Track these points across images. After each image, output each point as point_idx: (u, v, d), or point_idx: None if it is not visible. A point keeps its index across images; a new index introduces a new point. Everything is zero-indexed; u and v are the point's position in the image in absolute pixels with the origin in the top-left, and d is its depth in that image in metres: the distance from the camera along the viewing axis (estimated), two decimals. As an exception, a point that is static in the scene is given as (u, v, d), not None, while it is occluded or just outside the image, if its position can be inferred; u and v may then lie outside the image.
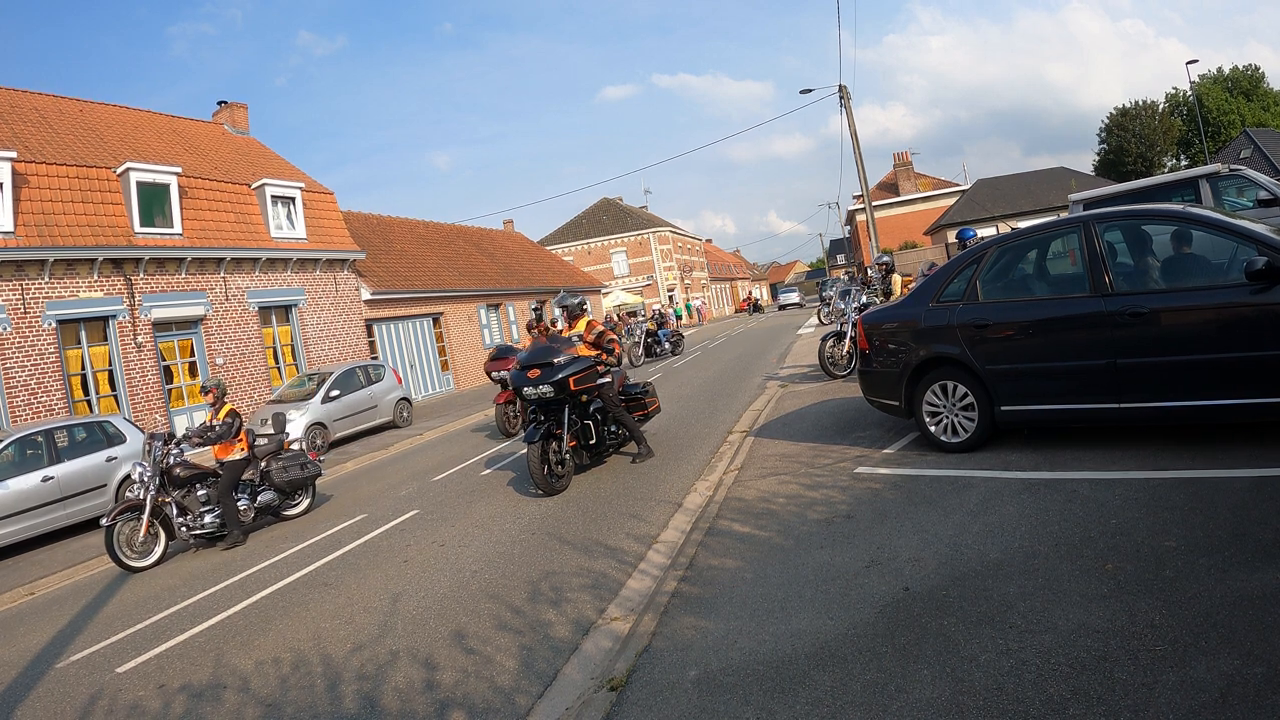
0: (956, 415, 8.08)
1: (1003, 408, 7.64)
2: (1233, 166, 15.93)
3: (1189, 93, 69.95)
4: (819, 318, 30.48)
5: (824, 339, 16.01)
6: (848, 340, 15.30)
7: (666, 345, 33.64)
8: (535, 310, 30.92)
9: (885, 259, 17.49)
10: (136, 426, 16.17)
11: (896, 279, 16.56)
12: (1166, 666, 3.63)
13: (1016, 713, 3.55)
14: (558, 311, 12.52)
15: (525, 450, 11.27)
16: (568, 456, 10.74)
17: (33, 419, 17.11)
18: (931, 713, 3.71)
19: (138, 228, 20.46)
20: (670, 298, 73.48)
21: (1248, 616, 3.90)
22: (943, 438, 8.20)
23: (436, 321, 33.80)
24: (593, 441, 11.25)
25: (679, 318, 67.01)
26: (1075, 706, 3.49)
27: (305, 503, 13.01)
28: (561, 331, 12.40)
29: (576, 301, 12.28)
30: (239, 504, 11.84)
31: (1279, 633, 3.70)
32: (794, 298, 76.03)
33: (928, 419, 8.31)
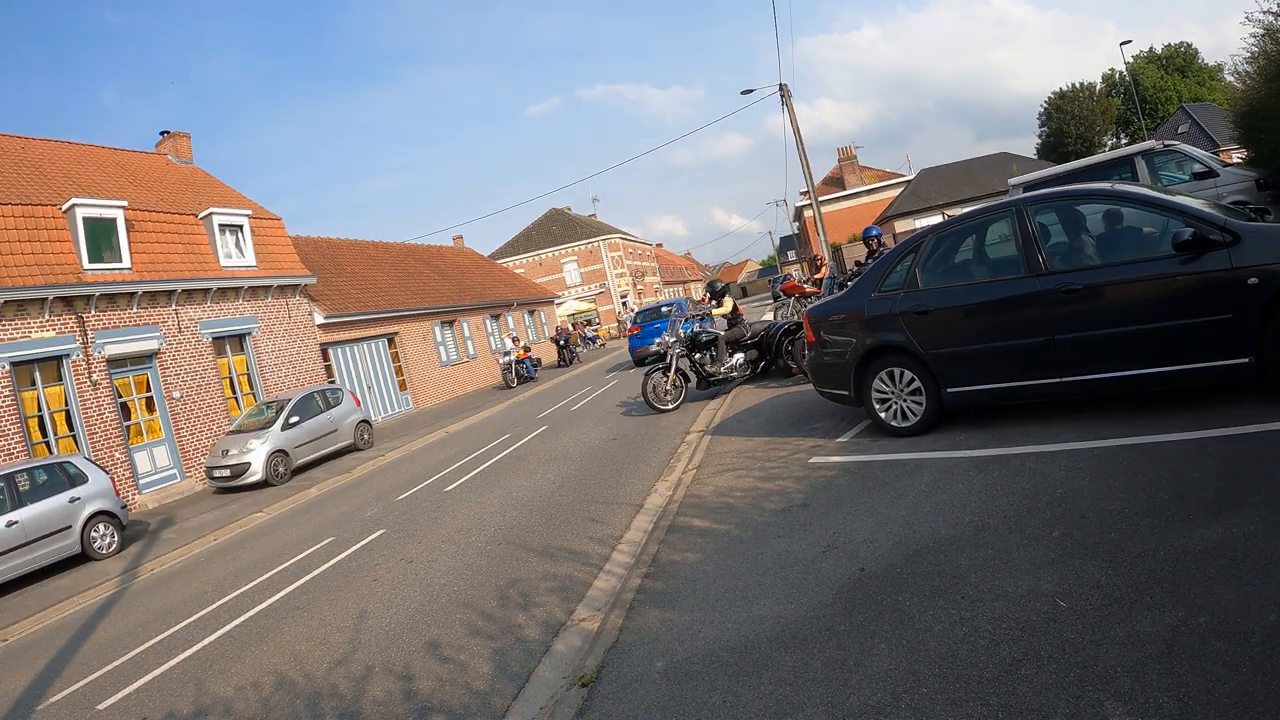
0: (905, 400, 8.26)
1: (949, 390, 7.84)
2: (1167, 142, 16.33)
3: (1124, 73, 70.97)
4: (774, 316, 30.05)
5: (647, 374, 16.23)
6: (673, 372, 15.70)
7: None
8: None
9: (721, 287, 17.08)
10: (98, 466, 16.04)
11: (728, 300, 16.47)
12: (1113, 623, 3.81)
13: (971, 676, 3.71)
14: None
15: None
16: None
17: (-10, 464, 16.90)
18: (890, 683, 3.86)
19: (86, 264, 20.21)
20: (624, 303, 73.53)
21: (1191, 570, 4.08)
22: (893, 423, 8.39)
23: (392, 341, 33.59)
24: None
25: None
26: (1027, 666, 3.66)
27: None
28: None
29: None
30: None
31: (1221, 583, 3.89)
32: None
33: (877, 406, 8.50)
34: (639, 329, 30.13)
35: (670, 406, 15.56)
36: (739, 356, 15.57)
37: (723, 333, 15.73)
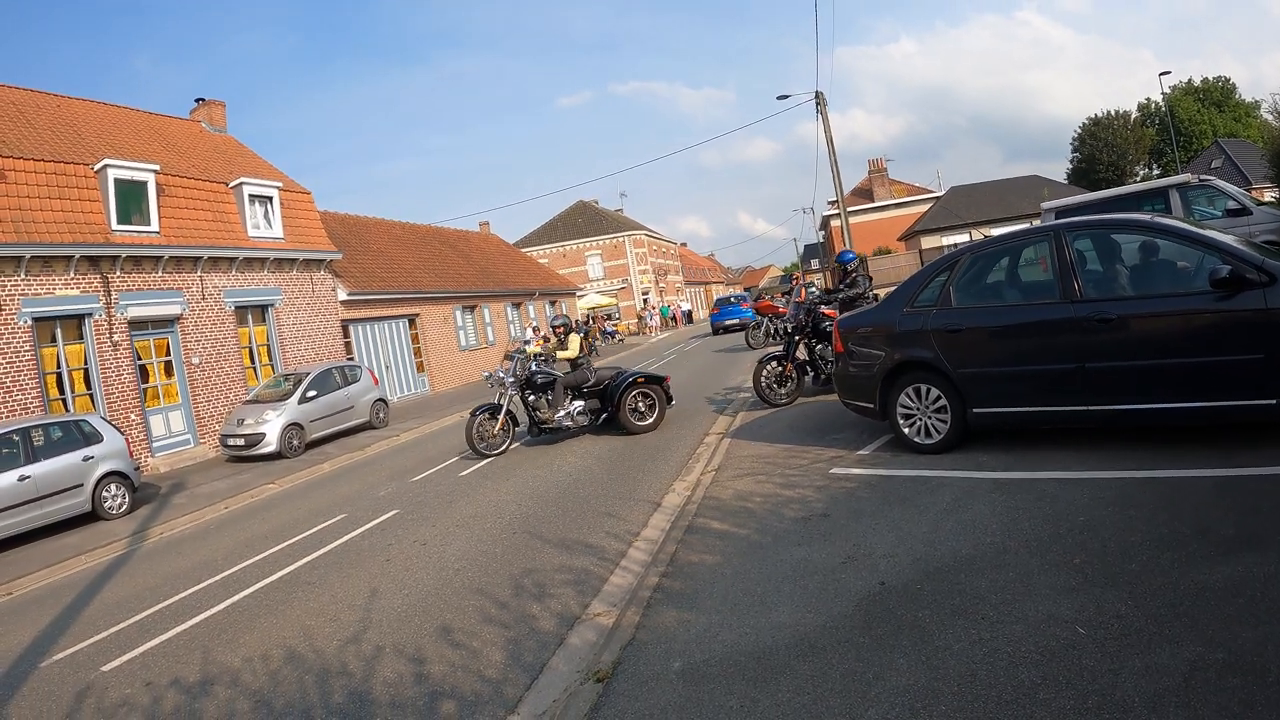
0: (930, 417, 8.26)
1: (975, 410, 7.83)
2: (1202, 177, 16.28)
3: (1161, 103, 70.70)
4: (747, 339, 29.17)
5: (473, 413, 14.49)
6: (503, 414, 14.35)
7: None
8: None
9: (560, 322, 15.46)
10: (113, 426, 16.13)
11: (574, 340, 14.68)
12: (1132, 653, 3.81)
13: (989, 697, 3.72)
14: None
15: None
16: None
17: (7, 418, 16.96)
18: (908, 698, 3.87)
19: (115, 225, 20.36)
20: (645, 300, 73.52)
21: (1210, 606, 4.09)
22: (916, 439, 8.39)
23: (412, 323, 33.71)
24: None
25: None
26: (1045, 691, 3.66)
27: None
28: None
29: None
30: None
31: (1239, 621, 3.90)
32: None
33: (902, 421, 8.49)
34: (719, 309, 44.40)
35: (495, 452, 14.36)
36: (578, 404, 14.41)
37: (562, 375, 14.56)
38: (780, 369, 13.84)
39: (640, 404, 14.29)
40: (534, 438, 14.90)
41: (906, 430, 8.47)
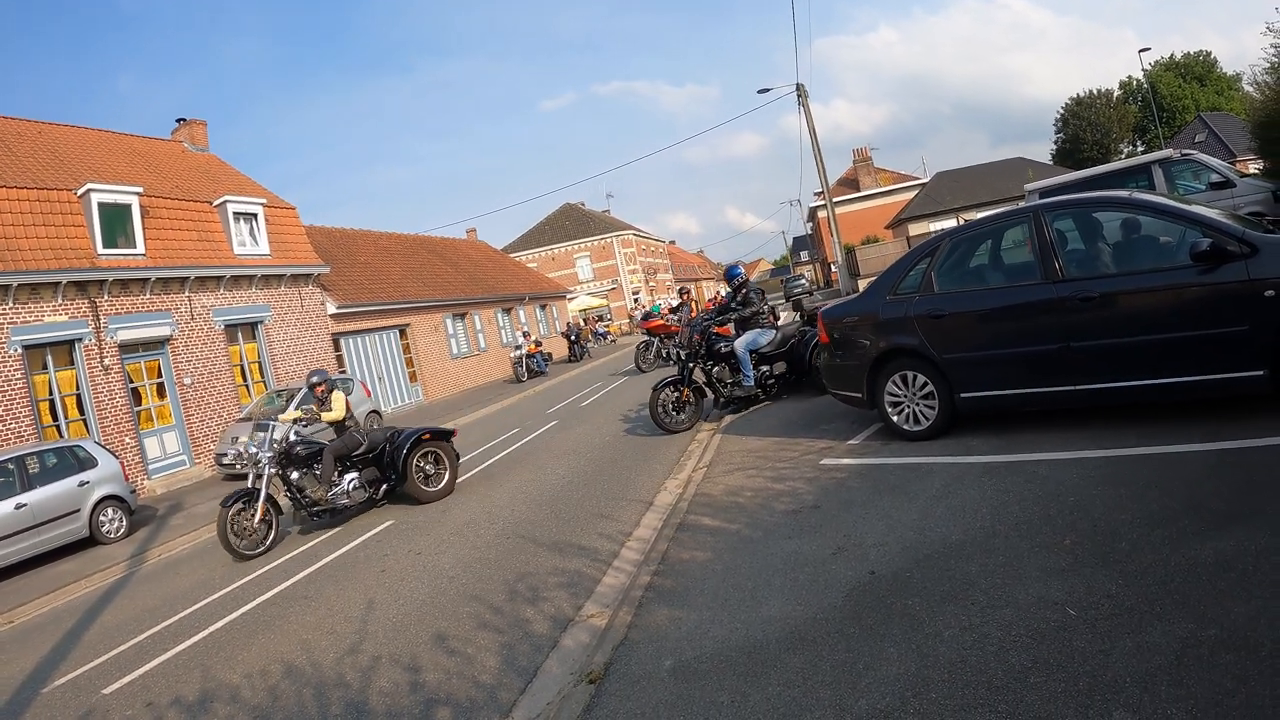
0: (918, 404, 8.25)
1: (962, 395, 7.83)
2: (1184, 151, 16.27)
3: (1142, 80, 70.75)
4: (637, 362, 26.85)
5: (224, 503, 11.51)
6: (262, 501, 11.51)
7: None
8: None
9: (320, 378, 12.49)
10: (108, 450, 16.09)
11: (338, 398, 12.24)
12: (1123, 633, 3.80)
13: (980, 682, 3.71)
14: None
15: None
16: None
17: (2, 446, 16.96)
18: (899, 687, 3.87)
19: (100, 249, 20.31)
20: (636, 299, 73.48)
21: (1201, 583, 4.08)
22: (905, 426, 8.38)
23: (403, 333, 33.66)
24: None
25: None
26: (1036, 674, 3.65)
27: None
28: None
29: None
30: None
31: (1231, 597, 3.88)
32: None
33: (890, 409, 8.49)
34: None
35: (257, 551, 11.31)
36: (351, 476, 12.06)
37: (329, 443, 12.16)
38: (676, 394, 13.21)
39: (428, 466, 12.45)
40: (306, 524, 12.30)
41: (895, 418, 8.46)
